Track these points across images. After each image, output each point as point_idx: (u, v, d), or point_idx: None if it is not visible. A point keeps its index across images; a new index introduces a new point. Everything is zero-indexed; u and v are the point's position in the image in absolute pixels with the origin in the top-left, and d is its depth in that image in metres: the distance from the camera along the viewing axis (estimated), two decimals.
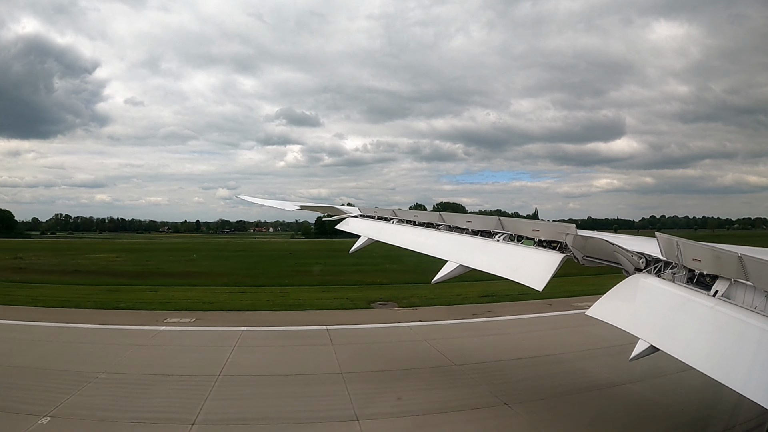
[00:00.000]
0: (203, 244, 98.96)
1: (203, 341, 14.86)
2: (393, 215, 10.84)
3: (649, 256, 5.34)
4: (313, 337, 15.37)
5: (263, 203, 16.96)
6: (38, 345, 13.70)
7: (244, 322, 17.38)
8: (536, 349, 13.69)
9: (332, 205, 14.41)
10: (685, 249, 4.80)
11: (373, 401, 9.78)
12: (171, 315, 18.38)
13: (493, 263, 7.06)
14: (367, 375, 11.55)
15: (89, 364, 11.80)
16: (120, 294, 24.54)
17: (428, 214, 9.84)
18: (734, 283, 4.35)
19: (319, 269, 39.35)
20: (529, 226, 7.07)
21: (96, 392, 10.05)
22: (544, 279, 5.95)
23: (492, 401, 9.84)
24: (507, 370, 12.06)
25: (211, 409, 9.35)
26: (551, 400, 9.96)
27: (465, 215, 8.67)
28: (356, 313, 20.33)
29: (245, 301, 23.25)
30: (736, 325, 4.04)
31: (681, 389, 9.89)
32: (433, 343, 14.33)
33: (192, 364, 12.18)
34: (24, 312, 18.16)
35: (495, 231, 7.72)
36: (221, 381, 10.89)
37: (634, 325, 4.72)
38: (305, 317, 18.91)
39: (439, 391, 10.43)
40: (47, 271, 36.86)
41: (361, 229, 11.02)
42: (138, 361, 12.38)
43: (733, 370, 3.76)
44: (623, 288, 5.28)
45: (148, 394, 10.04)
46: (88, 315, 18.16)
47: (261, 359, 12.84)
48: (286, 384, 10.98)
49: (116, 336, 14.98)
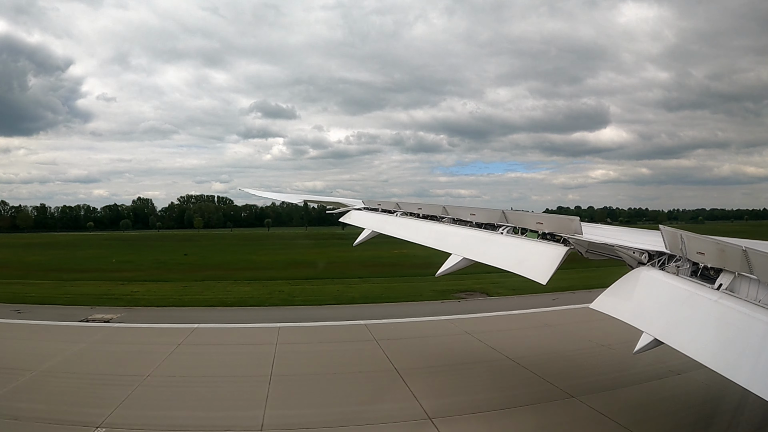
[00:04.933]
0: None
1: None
2: (397, 207, 10.81)
3: (653, 250, 5.32)
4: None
5: (267, 196, 17.04)
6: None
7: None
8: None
9: (336, 198, 14.42)
10: (689, 242, 4.78)
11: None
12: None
13: (497, 256, 7.06)
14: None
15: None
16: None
17: (432, 206, 9.80)
18: (738, 276, 4.33)
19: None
20: (533, 219, 7.04)
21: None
22: (548, 272, 5.94)
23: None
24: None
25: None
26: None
27: (469, 208, 8.62)
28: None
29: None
30: (741, 319, 4.03)
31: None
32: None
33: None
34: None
35: (499, 224, 7.70)
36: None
37: (637, 318, 4.72)
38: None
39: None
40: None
41: (365, 221, 11.01)
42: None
43: (738, 364, 3.77)
44: (627, 281, 5.28)
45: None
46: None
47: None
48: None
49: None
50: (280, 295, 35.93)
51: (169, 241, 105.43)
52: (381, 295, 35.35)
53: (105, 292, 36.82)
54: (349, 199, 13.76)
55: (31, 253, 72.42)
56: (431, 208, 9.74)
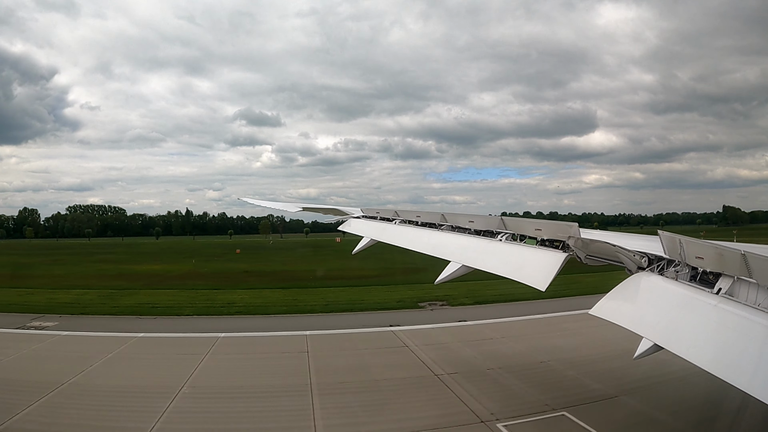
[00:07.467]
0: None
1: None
2: (395, 215, 10.81)
3: (652, 255, 5.32)
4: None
5: (265, 205, 17.00)
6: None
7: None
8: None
9: (334, 207, 14.41)
10: (688, 247, 4.79)
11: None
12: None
13: (496, 263, 7.04)
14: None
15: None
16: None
17: (430, 214, 9.79)
18: (737, 280, 4.34)
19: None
20: (532, 226, 7.03)
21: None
22: (547, 279, 5.93)
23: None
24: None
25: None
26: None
27: (468, 215, 8.62)
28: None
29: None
30: (740, 323, 4.03)
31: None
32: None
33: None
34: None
35: (497, 231, 7.70)
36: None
37: (637, 323, 4.71)
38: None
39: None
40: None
41: (364, 229, 11.00)
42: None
43: (738, 368, 3.75)
44: (626, 287, 5.27)
45: None
46: None
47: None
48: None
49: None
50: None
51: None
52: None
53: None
54: (348, 208, 13.75)
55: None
56: (430, 215, 9.73)
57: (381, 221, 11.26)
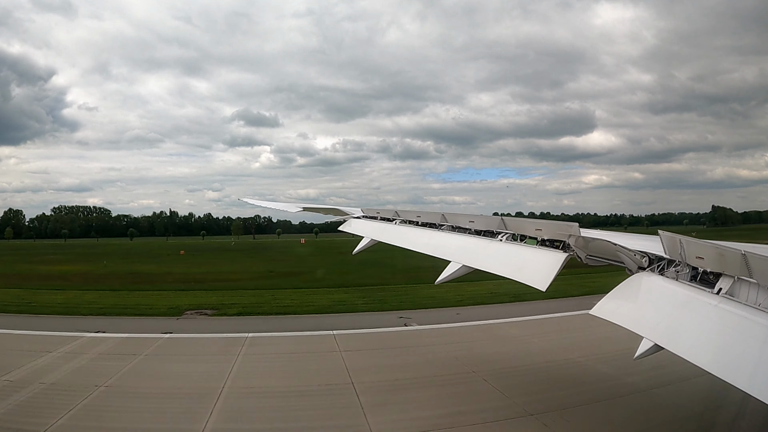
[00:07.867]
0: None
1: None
2: (396, 216, 10.82)
3: (652, 255, 5.32)
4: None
5: (266, 205, 17.03)
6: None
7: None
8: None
9: (334, 207, 14.42)
10: (689, 247, 4.79)
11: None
12: None
13: (496, 264, 7.04)
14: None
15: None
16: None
17: (431, 214, 9.80)
18: (738, 280, 4.33)
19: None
20: (532, 226, 7.03)
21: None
22: (547, 279, 5.93)
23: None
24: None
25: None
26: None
27: (468, 215, 8.63)
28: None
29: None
30: (741, 323, 4.02)
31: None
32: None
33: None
34: None
35: (498, 231, 7.70)
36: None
37: (637, 323, 4.71)
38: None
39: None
40: None
41: (364, 230, 11.00)
42: None
43: (738, 369, 3.75)
44: (626, 287, 5.27)
45: None
46: None
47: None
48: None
49: None
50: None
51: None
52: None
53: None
54: (349, 208, 13.75)
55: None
56: (430, 215, 9.74)
57: (381, 221, 11.27)
